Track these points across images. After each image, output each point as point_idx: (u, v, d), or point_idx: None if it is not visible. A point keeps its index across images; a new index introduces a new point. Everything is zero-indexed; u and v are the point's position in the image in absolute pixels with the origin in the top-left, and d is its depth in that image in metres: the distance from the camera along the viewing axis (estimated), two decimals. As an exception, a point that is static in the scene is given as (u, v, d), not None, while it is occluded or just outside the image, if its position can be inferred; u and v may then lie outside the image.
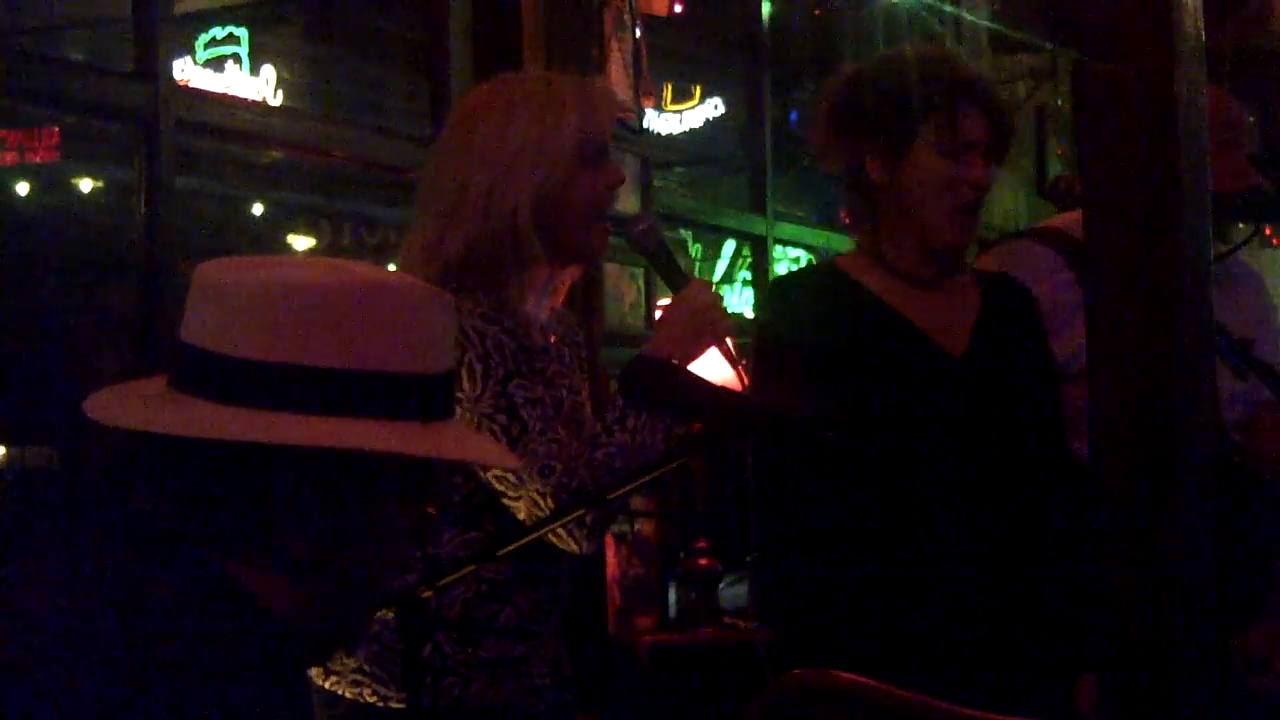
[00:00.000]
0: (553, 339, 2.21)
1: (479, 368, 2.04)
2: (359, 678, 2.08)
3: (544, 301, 2.19)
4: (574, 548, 2.04)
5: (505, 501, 2.03)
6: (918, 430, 2.24)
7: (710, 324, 2.09)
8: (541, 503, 2.01)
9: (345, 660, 2.08)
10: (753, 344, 2.36)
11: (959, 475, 2.25)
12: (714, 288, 2.14)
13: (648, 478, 1.90)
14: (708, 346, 2.09)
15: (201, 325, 1.22)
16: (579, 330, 2.32)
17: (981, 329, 2.33)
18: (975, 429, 2.27)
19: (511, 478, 2.03)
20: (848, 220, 2.47)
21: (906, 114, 2.27)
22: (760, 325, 2.44)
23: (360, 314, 1.20)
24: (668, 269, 2.17)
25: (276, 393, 1.18)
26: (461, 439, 1.32)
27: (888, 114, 2.29)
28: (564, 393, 2.16)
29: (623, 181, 2.21)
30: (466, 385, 2.03)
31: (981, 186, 2.30)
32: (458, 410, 1.97)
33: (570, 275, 2.24)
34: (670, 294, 2.18)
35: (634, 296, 4.68)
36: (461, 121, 2.19)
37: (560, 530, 2.00)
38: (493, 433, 2.02)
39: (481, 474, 2.05)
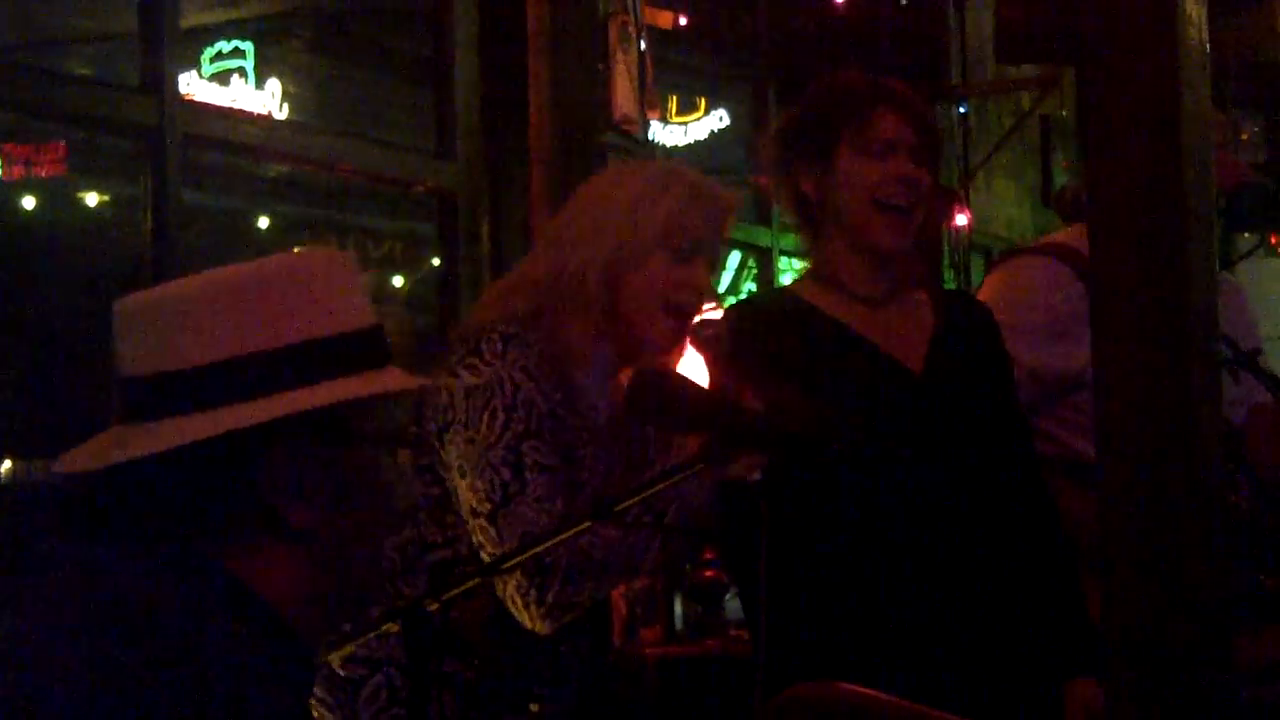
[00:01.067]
0: (605, 418, 2.17)
1: (501, 417, 2.02)
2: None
3: (604, 383, 2.16)
4: (527, 623, 2.01)
5: (483, 555, 2.01)
6: (885, 446, 2.25)
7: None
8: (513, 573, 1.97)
9: None
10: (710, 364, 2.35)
11: (928, 489, 2.26)
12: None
13: (656, 488, 1.89)
14: None
15: (134, 355, 1.24)
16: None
17: (938, 345, 2.35)
18: (940, 443, 2.28)
19: (493, 533, 2.00)
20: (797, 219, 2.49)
21: (825, 121, 2.32)
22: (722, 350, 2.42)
23: (278, 292, 1.24)
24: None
25: (229, 387, 1.21)
26: (406, 376, 1.35)
27: (809, 126, 2.34)
28: (585, 474, 2.12)
29: (699, 287, 2.16)
30: (485, 430, 2.01)
31: (911, 182, 2.29)
32: (467, 450, 1.98)
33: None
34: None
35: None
36: (574, 198, 2.24)
37: (519, 601, 1.99)
38: (491, 483, 1.99)
39: (470, 521, 2.03)
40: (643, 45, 4.72)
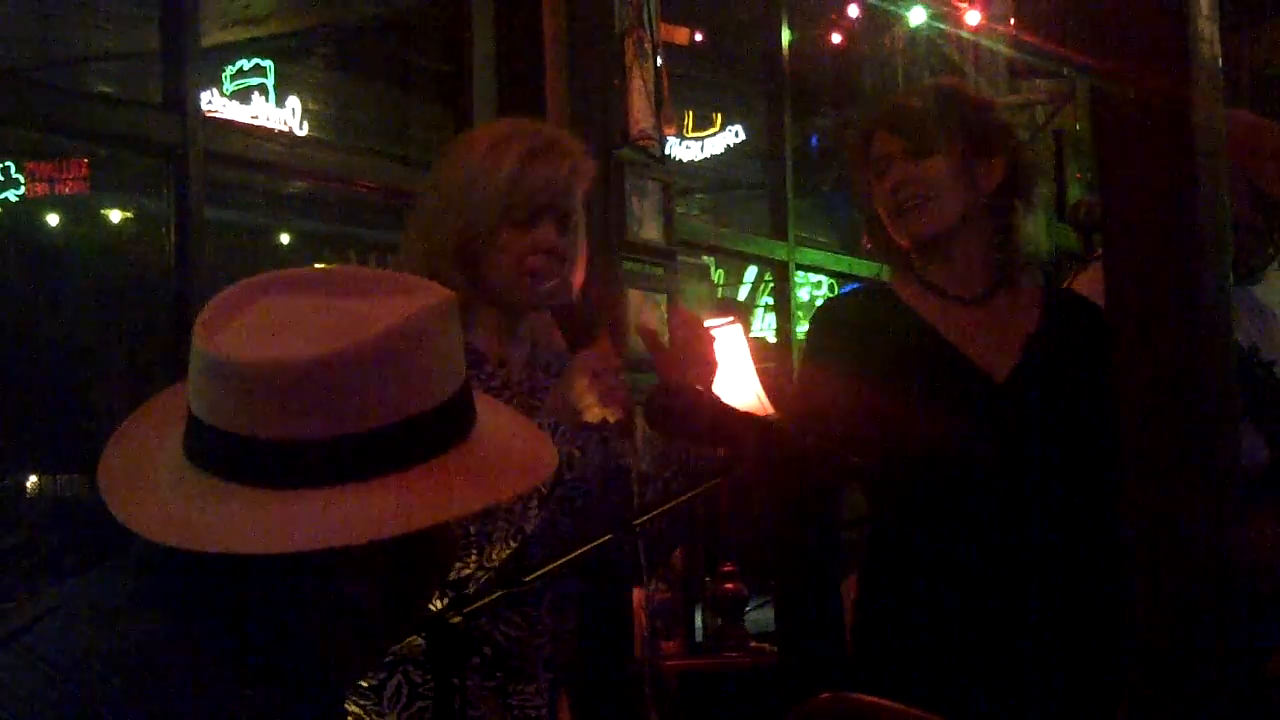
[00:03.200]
0: (526, 373, 2.20)
1: None
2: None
3: (512, 339, 2.19)
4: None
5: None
6: (953, 456, 2.23)
7: (599, 398, 2.07)
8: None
9: None
10: (800, 363, 2.40)
11: (997, 502, 2.24)
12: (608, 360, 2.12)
13: (675, 503, 1.91)
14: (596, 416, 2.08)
15: (220, 405, 1.16)
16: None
17: (1032, 351, 2.32)
18: (1015, 455, 2.25)
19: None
20: (869, 245, 2.52)
21: (850, 152, 2.46)
22: (806, 345, 2.45)
23: (391, 368, 1.15)
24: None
25: (319, 470, 1.13)
26: (495, 456, 1.25)
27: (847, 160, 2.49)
28: None
29: (550, 248, 2.15)
30: None
31: (905, 186, 2.36)
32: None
33: (545, 318, 2.24)
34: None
35: (657, 324, 4.71)
36: (429, 175, 2.25)
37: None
38: None
39: None
40: (659, 61, 4.74)
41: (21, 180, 5.67)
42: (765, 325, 8.02)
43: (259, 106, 5.60)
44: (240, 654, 1.14)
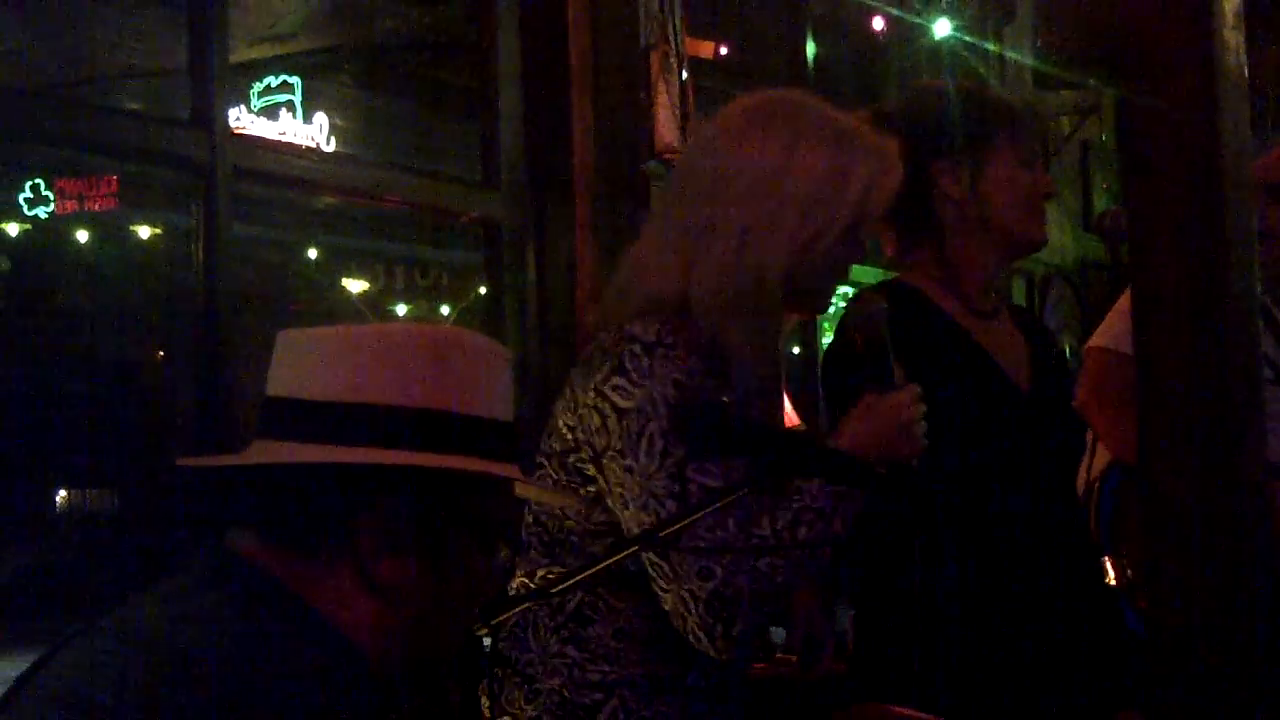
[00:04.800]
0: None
1: (659, 444, 1.80)
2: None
3: (772, 343, 2.03)
4: (707, 649, 1.83)
5: (654, 588, 1.85)
6: (993, 463, 2.24)
7: (905, 440, 1.87)
8: (692, 605, 1.80)
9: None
10: (827, 357, 2.35)
11: (1029, 509, 2.25)
12: (920, 400, 1.89)
13: (700, 515, 1.90)
14: (891, 458, 1.88)
15: (284, 378, 1.29)
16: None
17: (1037, 365, 2.35)
18: (1043, 463, 2.26)
19: (666, 568, 1.82)
20: (890, 251, 2.44)
21: (985, 123, 2.26)
22: (838, 338, 2.40)
23: (436, 360, 1.28)
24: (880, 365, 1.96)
25: (366, 431, 1.25)
26: (522, 477, 1.37)
27: (967, 124, 2.29)
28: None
29: (863, 256, 1.99)
30: (643, 459, 1.81)
31: (1051, 195, 2.34)
32: (626, 478, 1.83)
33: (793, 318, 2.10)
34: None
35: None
36: (727, 141, 1.96)
37: (703, 638, 1.82)
38: (658, 514, 1.79)
39: (645, 555, 1.84)
40: (684, 75, 4.75)
41: (51, 197, 5.72)
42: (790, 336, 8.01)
43: (286, 123, 5.62)
44: (287, 628, 1.22)
